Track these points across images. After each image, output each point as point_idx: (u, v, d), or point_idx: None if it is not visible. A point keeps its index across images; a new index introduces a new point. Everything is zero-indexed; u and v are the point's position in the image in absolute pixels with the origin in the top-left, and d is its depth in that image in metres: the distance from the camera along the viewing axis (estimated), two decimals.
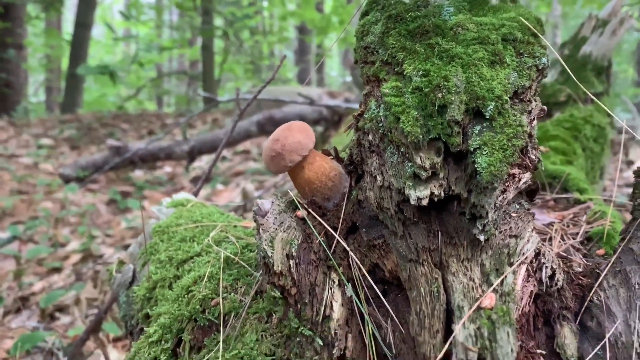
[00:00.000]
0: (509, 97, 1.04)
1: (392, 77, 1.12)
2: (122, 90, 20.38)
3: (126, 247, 5.92)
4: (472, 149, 0.98)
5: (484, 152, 0.96)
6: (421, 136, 0.98)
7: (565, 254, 1.37)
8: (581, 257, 1.36)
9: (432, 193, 0.96)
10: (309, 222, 1.11)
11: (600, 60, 3.01)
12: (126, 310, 1.54)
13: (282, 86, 12.74)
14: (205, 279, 1.16)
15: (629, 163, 6.08)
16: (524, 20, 1.15)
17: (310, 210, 1.17)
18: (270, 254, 0.97)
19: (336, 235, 1.10)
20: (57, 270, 5.21)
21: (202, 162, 8.15)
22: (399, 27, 1.16)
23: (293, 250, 1.00)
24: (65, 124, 12.33)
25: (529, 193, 1.15)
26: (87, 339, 2.71)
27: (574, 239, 1.54)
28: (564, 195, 1.95)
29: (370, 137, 1.12)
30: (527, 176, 1.06)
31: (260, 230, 1.02)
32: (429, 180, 0.97)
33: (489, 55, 1.07)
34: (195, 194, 2.23)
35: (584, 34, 3.11)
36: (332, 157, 1.25)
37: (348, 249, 1.08)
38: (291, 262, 0.99)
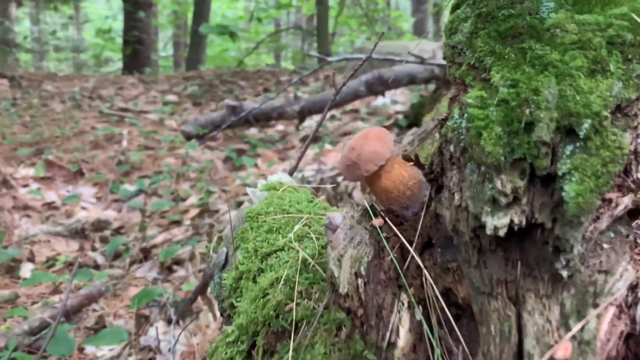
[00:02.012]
0: (610, 112, 0.92)
1: (478, 85, 1.03)
2: (242, 44, 21.01)
3: (240, 204, 6.23)
4: (560, 174, 0.88)
5: (573, 179, 0.87)
6: (503, 158, 0.90)
7: None
8: None
9: (511, 221, 0.89)
10: (381, 234, 1.09)
11: None
12: (218, 291, 1.63)
13: (395, 41, 12.42)
14: (282, 281, 1.18)
15: None
16: (637, 18, 1.00)
17: (386, 219, 1.14)
18: (337, 274, 0.97)
19: (411, 250, 1.07)
20: (177, 223, 5.63)
21: (312, 121, 8.26)
22: (489, 27, 1.06)
23: (362, 268, 0.99)
24: (189, 80, 13.04)
25: (631, 213, 1.03)
26: (195, 299, 2.92)
27: None
28: None
29: (451, 148, 1.05)
30: (626, 200, 0.94)
31: (330, 247, 1.01)
32: (510, 206, 0.90)
33: (589, 63, 0.95)
34: (291, 173, 2.26)
35: None
36: (412, 163, 1.20)
37: (422, 266, 1.04)
38: (359, 281, 0.97)
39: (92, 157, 7.48)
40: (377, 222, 1.13)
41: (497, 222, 0.89)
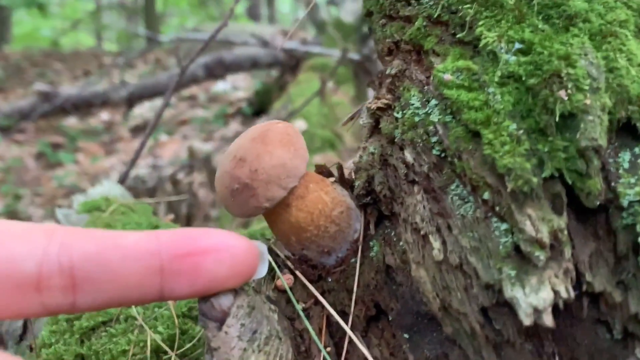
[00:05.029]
0: None
1: (453, 50, 0.62)
2: (58, 23, 18.71)
3: (59, 206, 5.28)
4: (625, 203, 0.50)
5: None
6: (535, 179, 0.50)
7: None
8: None
9: (555, 293, 0.49)
10: (297, 306, 0.63)
11: None
12: None
13: (232, 23, 11.83)
14: None
15: None
16: None
17: (298, 273, 0.69)
18: None
19: (347, 329, 0.63)
20: None
21: (143, 109, 7.42)
22: None
23: None
24: None
25: None
26: None
27: None
28: None
29: (409, 157, 0.63)
30: None
31: (214, 358, 0.53)
32: (547, 264, 0.50)
33: (635, 15, 0.59)
34: (123, 180, 1.69)
35: None
36: (333, 179, 0.75)
37: (370, 358, 0.61)
38: None
39: None
40: (284, 280, 0.68)
41: (535, 300, 0.48)
